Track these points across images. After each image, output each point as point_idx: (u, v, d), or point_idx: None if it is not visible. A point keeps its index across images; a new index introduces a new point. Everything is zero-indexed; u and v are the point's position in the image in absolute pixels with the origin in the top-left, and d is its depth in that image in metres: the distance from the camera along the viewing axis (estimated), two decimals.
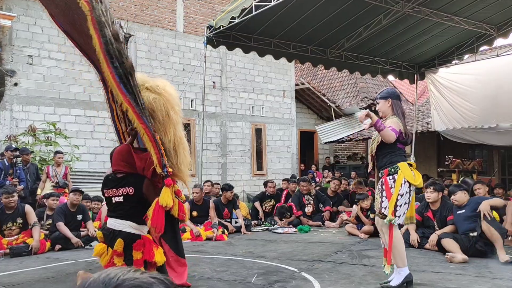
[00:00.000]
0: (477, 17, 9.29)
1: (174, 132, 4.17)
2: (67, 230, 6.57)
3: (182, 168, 4.20)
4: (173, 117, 4.18)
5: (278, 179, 12.47)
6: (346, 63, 10.69)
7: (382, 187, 4.00)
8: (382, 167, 4.02)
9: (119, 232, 4.03)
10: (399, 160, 4.00)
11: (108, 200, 4.24)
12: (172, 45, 12.19)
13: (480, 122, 10.31)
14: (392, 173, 3.96)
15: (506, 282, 4.20)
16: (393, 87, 4.68)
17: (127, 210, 4.08)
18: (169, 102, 4.20)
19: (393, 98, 4.13)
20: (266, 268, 5.01)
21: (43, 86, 10.08)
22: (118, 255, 3.99)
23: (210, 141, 12.68)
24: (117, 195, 4.10)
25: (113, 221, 4.12)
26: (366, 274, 4.64)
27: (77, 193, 6.91)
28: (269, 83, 14.24)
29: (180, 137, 4.23)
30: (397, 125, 3.96)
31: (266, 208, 9.40)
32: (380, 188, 4.01)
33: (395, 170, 3.95)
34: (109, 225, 4.13)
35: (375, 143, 4.05)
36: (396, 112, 4.10)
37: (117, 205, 4.11)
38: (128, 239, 4.01)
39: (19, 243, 6.23)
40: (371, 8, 8.49)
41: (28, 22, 9.94)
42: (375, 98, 4.25)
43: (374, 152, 4.10)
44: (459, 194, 5.66)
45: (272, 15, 8.34)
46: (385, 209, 3.94)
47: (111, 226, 4.11)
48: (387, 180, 3.97)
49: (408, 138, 4.08)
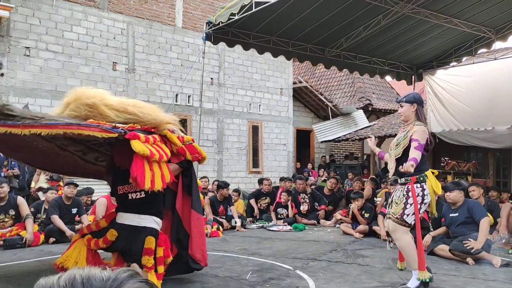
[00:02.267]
0: (476, 20, 9.31)
1: (111, 108, 3.96)
2: (62, 223, 6.54)
3: (151, 114, 3.99)
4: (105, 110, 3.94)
5: (274, 177, 12.47)
6: (344, 62, 10.70)
7: (408, 194, 3.92)
8: (409, 173, 3.90)
9: (144, 229, 3.89)
10: (426, 168, 4.02)
11: (122, 197, 4.09)
12: (171, 40, 12.15)
13: (476, 125, 10.33)
14: (420, 181, 3.92)
15: (500, 284, 4.22)
16: (418, 92, 4.59)
17: (150, 204, 3.96)
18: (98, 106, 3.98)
19: (418, 103, 4.11)
20: (260, 266, 5.01)
21: (40, 78, 10.02)
22: (149, 254, 3.81)
23: (207, 138, 12.65)
24: (134, 191, 3.96)
25: (135, 217, 3.94)
26: (361, 273, 4.65)
27: (72, 186, 6.88)
28: (267, 80, 14.22)
29: (121, 104, 4.02)
30: (423, 136, 3.90)
31: (261, 206, 9.40)
32: (406, 195, 3.93)
33: (424, 179, 3.92)
34: (131, 221, 3.94)
35: (401, 147, 3.97)
36: (420, 119, 4.07)
37: (136, 200, 3.96)
38: (156, 236, 3.90)
39: (13, 235, 6.20)
40: (371, 8, 8.48)
41: (26, 14, 9.86)
42: (399, 101, 4.17)
43: (398, 157, 3.99)
44: (455, 193, 5.64)
45: (272, 12, 8.32)
46: (407, 216, 3.90)
47: (133, 223, 3.93)
48: (414, 188, 3.91)
49: (431, 144, 4.07)
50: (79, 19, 10.59)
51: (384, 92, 18.97)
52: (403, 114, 4.13)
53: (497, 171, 12.61)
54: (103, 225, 4.17)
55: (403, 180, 4.01)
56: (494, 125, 9.94)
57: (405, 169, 3.67)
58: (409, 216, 3.90)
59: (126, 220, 3.98)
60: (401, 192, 3.99)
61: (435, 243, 5.63)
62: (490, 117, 10.04)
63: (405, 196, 3.94)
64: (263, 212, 9.24)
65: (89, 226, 4.33)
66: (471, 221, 5.40)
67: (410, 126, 4.03)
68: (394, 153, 4.02)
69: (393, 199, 4.06)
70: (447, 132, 11.05)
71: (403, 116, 4.14)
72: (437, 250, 5.50)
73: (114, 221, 4.10)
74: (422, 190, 3.91)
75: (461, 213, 5.52)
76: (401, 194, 3.97)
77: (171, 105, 11.73)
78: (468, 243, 5.10)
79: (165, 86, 11.98)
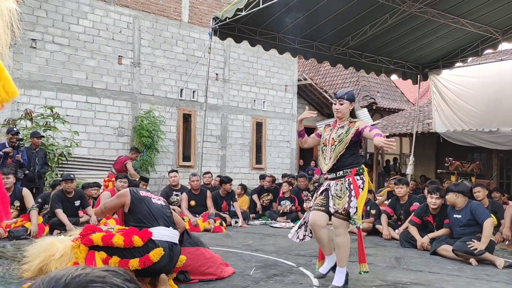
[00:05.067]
0: (483, 20, 9.28)
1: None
2: (65, 217, 6.53)
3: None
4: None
5: (276, 174, 12.48)
6: (350, 60, 10.69)
7: (350, 186, 3.91)
8: (348, 166, 3.95)
9: (175, 245, 3.66)
10: (362, 161, 4.13)
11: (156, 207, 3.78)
12: (177, 35, 12.14)
13: (481, 126, 10.32)
14: (360, 173, 3.96)
15: (503, 285, 4.23)
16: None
17: (170, 216, 3.77)
18: None
19: (354, 102, 4.15)
20: (264, 262, 5.02)
21: (45, 71, 10.04)
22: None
23: (211, 133, 12.67)
24: (157, 198, 3.86)
25: (169, 232, 3.65)
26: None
27: (69, 182, 6.84)
28: (272, 77, 14.22)
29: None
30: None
31: (264, 202, 9.42)
32: (348, 188, 3.92)
33: (362, 171, 3.98)
34: (168, 237, 3.60)
35: (344, 144, 3.96)
36: (353, 117, 4.13)
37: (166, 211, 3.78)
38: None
39: (18, 227, 6.23)
40: (378, 6, 8.47)
41: (33, 6, 9.87)
42: (340, 97, 4.04)
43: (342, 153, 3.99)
44: (449, 196, 5.68)
45: (278, 9, 8.31)
46: (352, 209, 3.88)
47: (169, 239, 3.60)
48: (355, 180, 3.93)
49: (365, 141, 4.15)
50: (85, 12, 10.60)
51: (388, 91, 18.94)
52: (341, 111, 4.05)
53: (500, 172, 12.60)
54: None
55: (341, 173, 3.97)
56: (498, 126, 9.93)
57: (381, 142, 3.66)
58: (352, 209, 3.89)
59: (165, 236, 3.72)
60: (341, 185, 3.94)
61: (438, 243, 5.64)
62: (495, 118, 10.03)
63: (348, 189, 3.92)
64: (266, 209, 9.26)
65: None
66: (474, 223, 5.40)
67: (347, 123, 4.04)
68: (337, 150, 3.97)
69: (332, 194, 3.96)
70: (451, 132, 11.04)
71: (340, 113, 4.06)
72: (440, 250, 5.51)
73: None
74: (362, 182, 3.95)
75: (464, 215, 5.53)
76: (342, 188, 3.93)
77: (175, 100, 11.75)
78: (472, 244, 5.11)
79: (170, 81, 11.99)
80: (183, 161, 12.26)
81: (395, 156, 16.69)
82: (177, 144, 12.12)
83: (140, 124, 11.02)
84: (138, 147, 10.61)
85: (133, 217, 3.69)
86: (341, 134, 4.01)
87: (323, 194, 4.07)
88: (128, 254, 3.43)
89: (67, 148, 9.50)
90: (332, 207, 3.95)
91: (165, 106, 11.73)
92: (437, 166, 13.23)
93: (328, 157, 4.04)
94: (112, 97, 10.98)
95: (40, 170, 8.15)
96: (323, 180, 4.24)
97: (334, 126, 4.12)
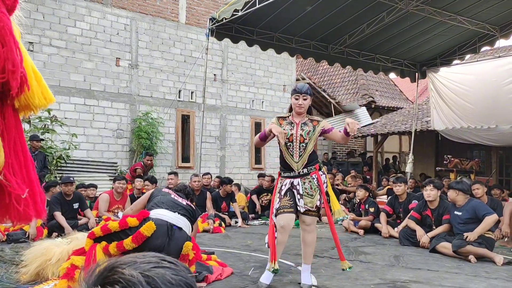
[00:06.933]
0: (480, 17, 9.28)
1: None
2: (64, 220, 6.52)
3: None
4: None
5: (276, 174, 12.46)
6: (347, 59, 10.67)
7: (317, 183, 3.93)
8: (312, 163, 3.99)
9: (179, 229, 3.73)
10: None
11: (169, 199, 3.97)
12: (174, 36, 12.15)
13: (479, 123, 10.31)
14: (320, 168, 4.06)
15: (502, 282, 4.22)
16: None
17: (182, 208, 3.91)
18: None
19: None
20: (263, 262, 5.01)
21: (43, 74, 9.84)
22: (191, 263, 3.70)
23: (209, 134, 12.67)
24: (178, 196, 4.01)
25: (172, 215, 3.77)
26: (363, 270, 4.66)
27: (69, 184, 6.84)
28: (270, 77, 14.22)
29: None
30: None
31: (263, 202, 9.41)
32: (317, 184, 3.93)
33: (321, 166, 4.09)
34: (169, 218, 3.69)
35: (313, 141, 3.98)
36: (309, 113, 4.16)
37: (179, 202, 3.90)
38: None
39: (16, 230, 6.22)
40: (375, 5, 8.46)
41: (30, 9, 9.87)
42: (304, 92, 4.03)
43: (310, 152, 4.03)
44: (450, 193, 5.70)
45: (275, 8, 8.30)
46: (320, 204, 3.93)
47: (170, 220, 3.71)
48: (320, 175, 3.99)
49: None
50: (82, 15, 10.60)
51: (387, 89, 18.94)
52: (304, 106, 4.02)
53: (499, 169, 12.59)
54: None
55: (306, 171, 3.96)
56: (497, 123, 9.92)
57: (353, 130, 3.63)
58: (320, 204, 3.95)
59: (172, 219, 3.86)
60: (309, 183, 3.94)
61: (437, 240, 5.63)
62: (493, 115, 10.02)
63: (317, 186, 3.95)
64: (265, 209, 9.25)
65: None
66: (474, 221, 5.40)
67: (308, 119, 4.06)
68: (309, 147, 3.97)
69: (301, 193, 3.93)
70: (450, 130, 11.03)
71: (303, 109, 4.03)
72: (439, 248, 5.50)
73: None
74: (325, 177, 4.06)
75: (464, 213, 5.54)
76: (312, 185, 3.94)
77: (174, 101, 11.75)
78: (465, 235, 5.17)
79: (168, 82, 11.99)
80: (182, 162, 12.26)
81: (394, 154, 16.70)
82: (176, 145, 12.12)
83: (138, 126, 11.02)
84: (149, 151, 10.54)
85: (147, 206, 3.98)
86: (309, 131, 3.99)
87: (288, 194, 3.97)
88: (124, 235, 3.48)
89: (65, 151, 9.51)
90: (302, 206, 3.93)
91: (164, 107, 11.73)
92: (436, 163, 13.21)
93: (297, 154, 3.98)
94: (110, 99, 10.98)
95: (39, 174, 8.15)
96: (282, 179, 4.10)
97: (294, 121, 4.07)
